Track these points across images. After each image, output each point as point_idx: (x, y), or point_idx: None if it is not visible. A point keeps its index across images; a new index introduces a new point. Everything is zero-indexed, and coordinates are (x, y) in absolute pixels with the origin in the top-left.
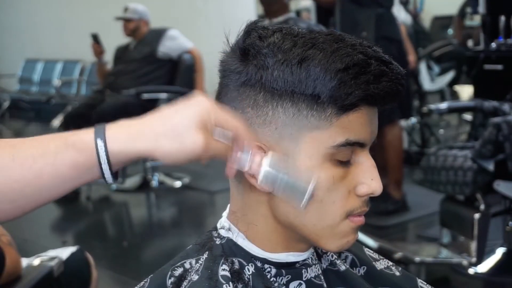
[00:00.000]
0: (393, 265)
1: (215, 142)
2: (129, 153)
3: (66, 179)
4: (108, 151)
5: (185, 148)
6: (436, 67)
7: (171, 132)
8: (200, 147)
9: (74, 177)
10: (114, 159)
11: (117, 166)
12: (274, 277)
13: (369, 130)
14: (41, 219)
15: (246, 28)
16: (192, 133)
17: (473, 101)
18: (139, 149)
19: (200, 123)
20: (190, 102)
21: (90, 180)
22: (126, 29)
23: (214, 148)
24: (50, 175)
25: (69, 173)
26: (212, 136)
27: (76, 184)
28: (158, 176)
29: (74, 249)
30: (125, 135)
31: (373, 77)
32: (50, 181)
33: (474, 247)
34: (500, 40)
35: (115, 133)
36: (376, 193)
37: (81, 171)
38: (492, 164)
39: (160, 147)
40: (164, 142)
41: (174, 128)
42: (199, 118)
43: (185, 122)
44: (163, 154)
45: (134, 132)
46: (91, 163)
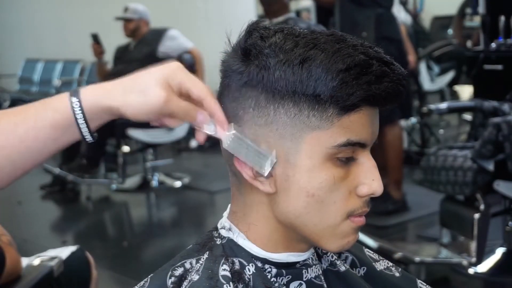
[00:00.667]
0: (393, 266)
1: (178, 100)
2: (102, 106)
3: (49, 140)
4: (83, 106)
5: (147, 101)
6: (436, 67)
7: (137, 88)
8: (160, 102)
9: (56, 137)
10: (89, 114)
11: (94, 123)
12: (274, 277)
13: (370, 131)
14: (41, 219)
15: (248, 28)
16: (154, 89)
17: (473, 101)
18: (110, 103)
19: (164, 81)
20: (162, 65)
21: (72, 139)
22: (126, 29)
23: (175, 105)
24: (33, 137)
25: (51, 134)
26: (174, 95)
27: (59, 145)
28: (158, 176)
29: (74, 249)
30: (98, 91)
31: (375, 77)
32: (34, 144)
33: (474, 247)
34: (500, 40)
35: (88, 90)
36: (377, 194)
37: (61, 130)
38: (492, 164)
39: (126, 101)
40: (130, 96)
41: (141, 84)
42: (164, 77)
43: (151, 80)
44: (128, 107)
45: (108, 88)
46: (68, 120)
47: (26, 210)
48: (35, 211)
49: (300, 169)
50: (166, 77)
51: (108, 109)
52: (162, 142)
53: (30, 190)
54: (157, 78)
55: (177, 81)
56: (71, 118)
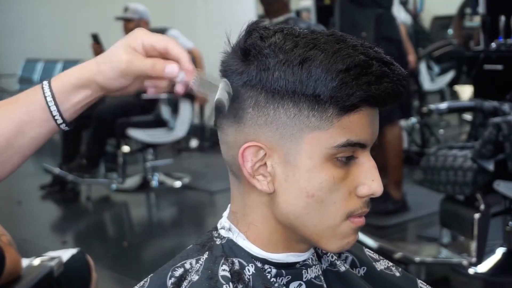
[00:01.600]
0: (393, 266)
1: (141, 59)
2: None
3: (42, 122)
4: (52, 85)
5: (113, 66)
6: (436, 67)
7: (107, 58)
8: (123, 63)
9: (48, 118)
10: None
11: (73, 101)
12: (274, 278)
13: (370, 131)
14: (41, 219)
15: (247, 28)
16: (118, 53)
17: (473, 101)
18: (87, 75)
19: (127, 45)
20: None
21: None
22: (127, 29)
23: (140, 63)
24: (27, 121)
25: (42, 116)
26: (137, 54)
27: (53, 127)
28: (158, 176)
29: (74, 251)
30: (74, 70)
31: (375, 78)
32: (29, 126)
33: (474, 247)
34: (500, 40)
35: (64, 72)
36: (377, 194)
37: (47, 112)
38: (492, 164)
39: (99, 71)
40: (101, 66)
41: (108, 54)
42: (126, 42)
43: (116, 48)
44: (100, 75)
45: (83, 65)
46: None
47: (26, 210)
48: (35, 211)
49: (300, 169)
50: (128, 42)
51: (86, 82)
52: (162, 142)
53: (30, 190)
54: (120, 45)
55: (139, 42)
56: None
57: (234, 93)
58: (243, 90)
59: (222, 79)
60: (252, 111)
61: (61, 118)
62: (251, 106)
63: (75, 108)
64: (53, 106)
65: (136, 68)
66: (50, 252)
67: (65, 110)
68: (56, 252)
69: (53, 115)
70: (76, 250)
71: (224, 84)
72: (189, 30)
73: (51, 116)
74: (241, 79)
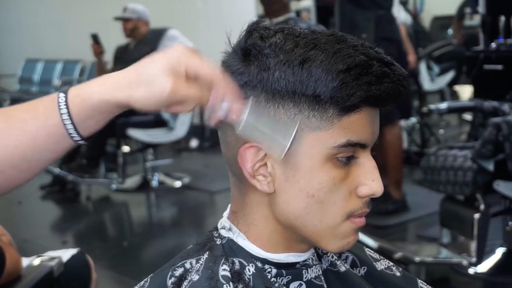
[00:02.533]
0: (393, 266)
1: (186, 88)
2: (107, 102)
3: (59, 136)
4: (68, 99)
5: (154, 93)
6: (436, 67)
7: (142, 79)
8: (167, 91)
9: (65, 134)
10: (89, 111)
11: (96, 119)
12: (274, 278)
13: (371, 131)
14: (41, 219)
15: (248, 28)
16: (160, 78)
17: (473, 101)
18: (116, 98)
19: (170, 69)
20: (165, 51)
21: None
22: (125, 29)
23: (184, 94)
24: (44, 135)
25: (59, 131)
26: (181, 81)
27: (70, 141)
28: (158, 176)
29: (74, 251)
30: (98, 87)
31: (375, 78)
32: (46, 141)
33: (474, 247)
34: (500, 40)
35: (82, 87)
36: (377, 194)
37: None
38: (492, 164)
39: (132, 95)
40: (136, 89)
41: (145, 75)
42: (169, 64)
43: (155, 69)
44: (136, 101)
45: (112, 82)
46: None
47: (26, 210)
48: (35, 211)
49: (300, 169)
50: (171, 64)
51: (116, 103)
52: (162, 142)
53: (30, 190)
54: (163, 67)
55: (183, 66)
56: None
57: None
58: (244, 91)
59: (291, 133)
60: None
61: (78, 136)
62: None
63: (96, 125)
64: (69, 125)
65: (181, 98)
66: (50, 252)
67: (84, 129)
68: (55, 252)
69: (69, 132)
70: (76, 250)
71: (291, 138)
72: (189, 30)
73: (67, 133)
74: (242, 79)
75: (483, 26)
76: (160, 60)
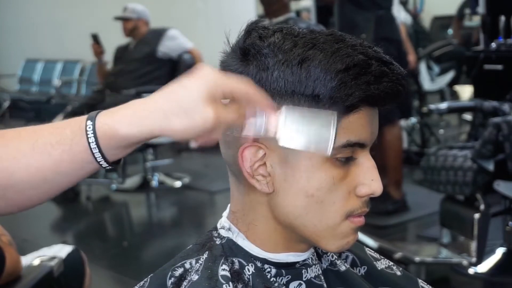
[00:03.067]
0: (394, 265)
1: (225, 112)
2: (140, 133)
3: (84, 163)
4: (96, 127)
5: (196, 123)
6: (436, 67)
7: (179, 109)
8: (211, 121)
9: (91, 161)
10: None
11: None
12: (274, 277)
13: (370, 131)
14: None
15: (247, 28)
16: (201, 108)
17: (473, 101)
18: (151, 129)
19: (208, 96)
20: (195, 75)
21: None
22: (125, 29)
23: (225, 119)
24: (68, 161)
25: (85, 157)
26: (221, 107)
27: (95, 167)
28: (158, 176)
29: (69, 248)
30: (129, 116)
31: (374, 77)
32: (69, 166)
33: (474, 247)
34: (500, 40)
35: (113, 113)
36: (376, 194)
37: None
38: (492, 164)
39: (170, 125)
40: (173, 119)
41: (182, 104)
42: (206, 90)
43: (193, 97)
44: (174, 132)
45: (140, 111)
46: None
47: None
48: (35, 211)
49: (299, 169)
50: (209, 92)
51: (150, 135)
52: (162, 142)
53: None
54: (201, 95)
55: (220, 91)
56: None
57: None
58: None
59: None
60: None
61: (106, 163)
62: None
63: (124, 152)
64: (97, 153)
65: (222, 124)
66: (44, 249)
67: (111, 156)
68: (50, 248)
69: (97, 160)
70: (71, 248)
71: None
72: (189, 30)
73: (94, 159)
74: None
75: (483, 26)
76: (196, 87)
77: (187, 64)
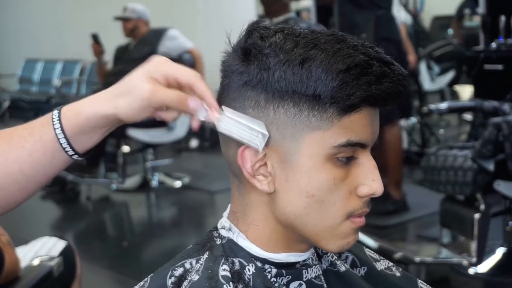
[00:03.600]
0: (393, 266)
1: (165, 90)
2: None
3: (55, 151)
4: (61, 114)
5: (135, 99)
6: (436, 67)
7: (125, 90)
8: (146, 95)
9: (59, 148)
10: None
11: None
12: (274, 277)
13: (370, 131)
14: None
15: (248, 28)
16: (140, 84)
17: (473, 101)
18: (105, 110)
19: (148, 75)
20: (145, 64)
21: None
22: (125, 29)
23: (163, 95)
24: (41, 151)
25: (55, 146)
26: (159, 85)
27: (66, 157)
28: (158, 176)
29: (56, 241)
30: (89, 101)
31: (375, 78)
32: (42, 156)
33: (474, 247)
34: (500, 40)
35: (75, 103)
36: (377, 194)
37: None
38: (492, 164)
39: (117, 104)
40: (120, 99)
41: (127, 85)
42: (147, 72)
43: (135, 78)
44: (120, 110)
45: (98, 97)
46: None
47: (26, 210)
48: (35, 211)
49: (300, 169)
50: (148, 72)
51: (100, 120)
52: (162, 142)
53: None
54: (140, 75)
55: (161, 73)
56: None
57: (234, 94)
58: (243, 90)
59: (253, 119)
60: (252, 111)
61: (72, 151)
62: (251, 106)
63: (90, 140)
64: (63, 139)
65: (160, 100)
66: (32, 242)
67: (78, 143)
68: (37, 241)
69: (63, 147)
70: (56, 239)
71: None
72: (189, 30)
73: (61, 146)
74: (242, 79)
75: (483, 26)
76: (139, 70)
77: (187, 64)
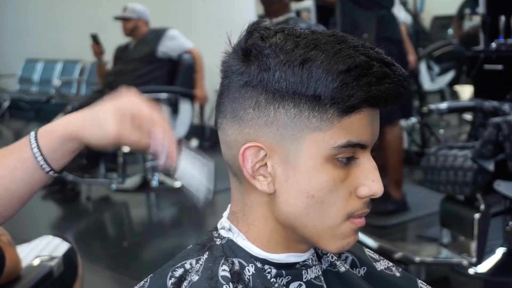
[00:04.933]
0: (393, 266)
1: (129, 134)
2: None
3: (34, 170)
4: (38, 134)
5: (101, 132)
6: (436, 67)
7: (95, 119)
8: (113, 134)
9: (37, 167)
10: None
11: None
12: (274, 278)
13: (371, 132)
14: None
15: (248, 28)
16: (108, 120)
17: (473, 101)
18: (74, 131)
19: (117, 113)
20: (119, 96)
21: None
22: (125, 29)
23: (127, 139)
24: (21, 168)
25: (33, 164)
26: (126, 125)
27: (42, 174)
28: (158, 176)
29: (59, 241)
30: (63, 121)
31: (375, 79)
32: (23, 173)
33: (474, 247)
34: (500, 40)
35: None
36: (377, 195)
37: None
38: (492, 164)
39: (85, 130)
40: (88, 126)
41: (97, 115)
42: (117, 109)
43: (106, 111)
44: (88, 137)
45: (72, 118)
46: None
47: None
48: (35, 211)
49: (300, 170)
50: (119, 110)
51: (70, 136)
52: None
53: None
54: (110, 111)
55: (131, 114)
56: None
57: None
58: (244, 91)
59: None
60: (252, 112)
61: (48, 167)
62: (252, 106)
63: (63, 158)
64: (39, 157)
65: (124, 143)
66: (27, 243)
67: (53, 161)
68: (34, 241)
69: (40, 164)
70: (59, 239)
71: (211, 185)
72: (189, 30)
73: (38, 164)
74: (242, 79)
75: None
76: (112, 104)
77: (187, 64)
